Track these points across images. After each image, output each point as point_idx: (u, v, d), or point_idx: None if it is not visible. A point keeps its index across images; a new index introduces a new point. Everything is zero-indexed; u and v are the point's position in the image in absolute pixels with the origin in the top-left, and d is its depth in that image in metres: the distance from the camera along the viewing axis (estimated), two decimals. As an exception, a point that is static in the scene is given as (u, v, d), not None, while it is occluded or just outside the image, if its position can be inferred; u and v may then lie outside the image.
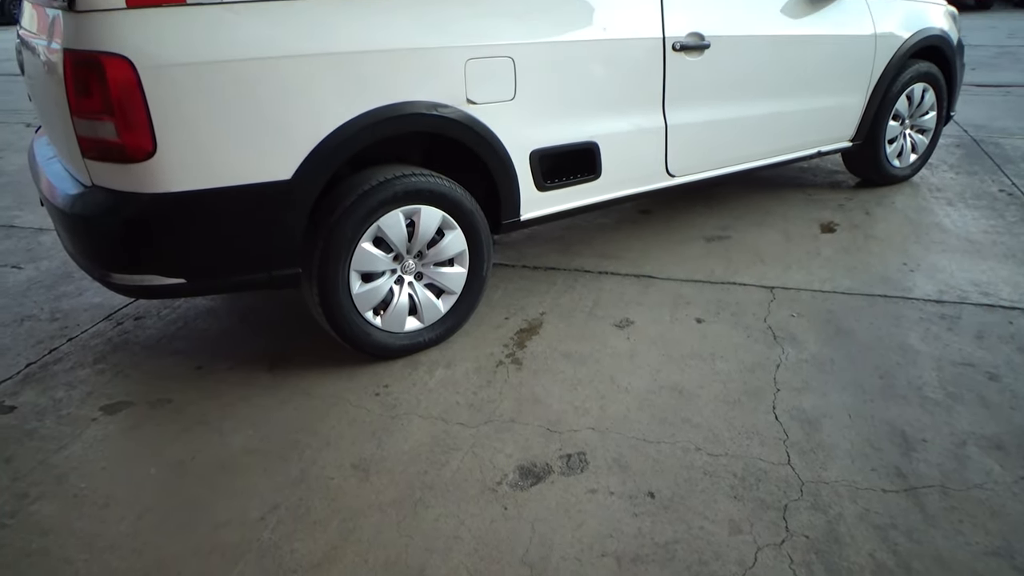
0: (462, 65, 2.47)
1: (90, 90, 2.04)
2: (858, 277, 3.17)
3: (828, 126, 3.75)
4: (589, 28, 2.75)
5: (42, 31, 2.32)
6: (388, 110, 2.36)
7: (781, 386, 2.44)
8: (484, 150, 2.59)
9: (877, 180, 4.20)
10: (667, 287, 3.14)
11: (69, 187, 2.30)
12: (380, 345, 2.58)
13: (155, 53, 2.02)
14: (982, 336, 2.69)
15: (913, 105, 4.05)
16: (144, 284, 2.26)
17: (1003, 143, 4.98)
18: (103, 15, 1.98)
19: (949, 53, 4.08)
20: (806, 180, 4.45)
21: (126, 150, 2.08)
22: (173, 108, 2.07)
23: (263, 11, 2.14)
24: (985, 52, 8.34)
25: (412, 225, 2.51)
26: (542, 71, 2.65)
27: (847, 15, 3.57)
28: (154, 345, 2.83)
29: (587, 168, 2.91)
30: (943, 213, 3.84)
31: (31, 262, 3.58)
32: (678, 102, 3.06)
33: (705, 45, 3.03)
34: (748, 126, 3.37)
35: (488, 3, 2.52)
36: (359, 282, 2.47)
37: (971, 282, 3.09)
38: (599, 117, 2.87)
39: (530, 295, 3.11)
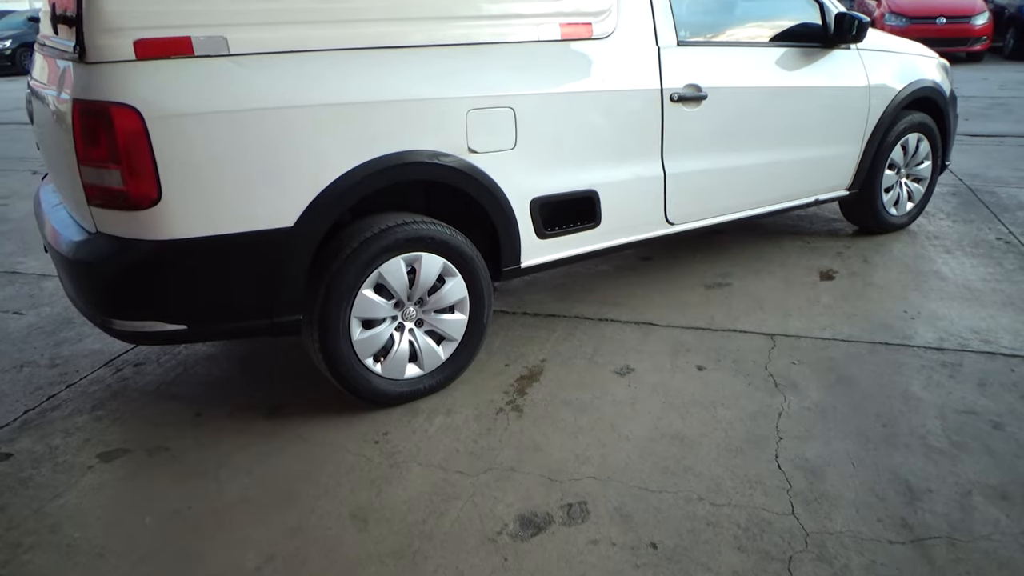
0: (463, 115, 2.51)
1: (97, 139, 2.07)
2: (858, 324, 3.17)
3: (825, 175, 3.79)
4: (588, 79, 2.80)
5: (52, 82, 2.37)
6: (390, 159, 2.39)
7: (783, 434, 2.42)
8: (485, 198, 2.62)
9: (874, 228, 4.24)
10: (668, 334, 3.14)
11: (73, 233, 2.32)
12: (380, 392, 2.57)
13: (162, 103, 2.06)
14: (984, 384, 2.68)
15: (908, 155, 4.11)
16: (145, 330, 2.26)
17: (998, 192, 5.03)
18: (113, 66, 2.03)
19: (942, 104, 4.16)
20: (804, 228, 4.48)
21: (131, 197, 2.10)
22: (179, 156, 2.10)
23: (268, 63, 2.19)
24: (978, 103, 8.48)
25: (413, 272, 2.52)
26: (542, 121, 2.70)
27: (841, 67, 3.64)
28: (153, 391, 2.82)
29: (587, 216, 2.93)
30: (941, 261, 3.86)
31: (32, 308, 3.59)
32: (676, 151, 3.10)
33: (702, 96, 3.09)
34: (746, 175, 3.41)
35: (489, 55, 2.58)
36: (360, 328, 2.47)
37: (971, 330, 3.09)
38: (598, 166, 2.90)
39: (530, 342, 3.11)
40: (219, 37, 2.12)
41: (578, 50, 2.77)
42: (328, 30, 2.27)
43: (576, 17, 2.73)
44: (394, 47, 2.38)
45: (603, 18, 2.80)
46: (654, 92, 2.97)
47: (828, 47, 3.58)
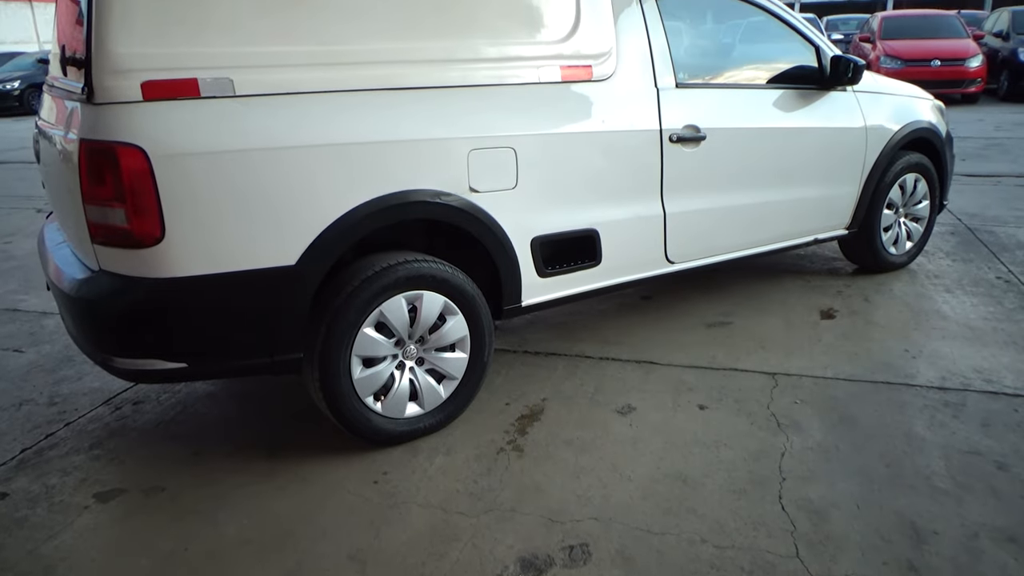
0: (465, 155, 2.54)
1: (103, 178, 2.10)
2: (860, 363, 3.16)
3: (823, 214, 3.82)
4: (588, 120, 2.84)
5: (60, 122, 2.40)
6: (392, 198, 2.41)
7: (787, 475, 2.40)
8: (486, 237, 2.63)
9: (874, 267, 4.25)
10: (669, 373, 3.13)
11: (76, 271, 2.34)
12: (380, 431, 2.56)
13: (168, 143, 2.09)
14: (988, 424, 2.66)
15: (906, 194, 4.14)
16: (146, 368, 2.26)
17: (997, 231, 5.06)
18: (120, 107, 2.06)
19: (938, 144, 4.20)
20: (804, 267, 4.50)
21: (134, 236, 2.12)
22: (183, 195, 2.12)
23: (273, 104, 2.22)
24: (974, 144, 8.57)
25: (414, 310, 2.52)
26: (543, 161, 2.73)
27: (838, 109, 3.69)
28: (152, 430, 2.80)
29: (588, 255, 2.95)
30: (942, 300, 3.86)
31: (33, 346, 3.59)
32: (676, 191, 3.13)
33: (701, 137, 3.12)
34: (745, 214, 3.44)
35: (491, 96, 2.61)
36: (360, 367, 2.46)
37: (973, 369, 3.08)
38: (599, 205, 2.93)
39: (531, 381, 3.10)
40: (225, 79, 2.15)
41: (578, 92, 2.82)
42: (332, 72, 2.31)
43: (576, 60, 2.78)
44: (397, 89, 2.42)
45: (603, 61, 2.85)
46: (653, 133, 3.00)
47: (825, 89, 3.63)
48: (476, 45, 2.57)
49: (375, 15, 2.39)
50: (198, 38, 2.13)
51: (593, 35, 2.82)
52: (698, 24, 3.51)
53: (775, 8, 3.55)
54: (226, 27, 2.17)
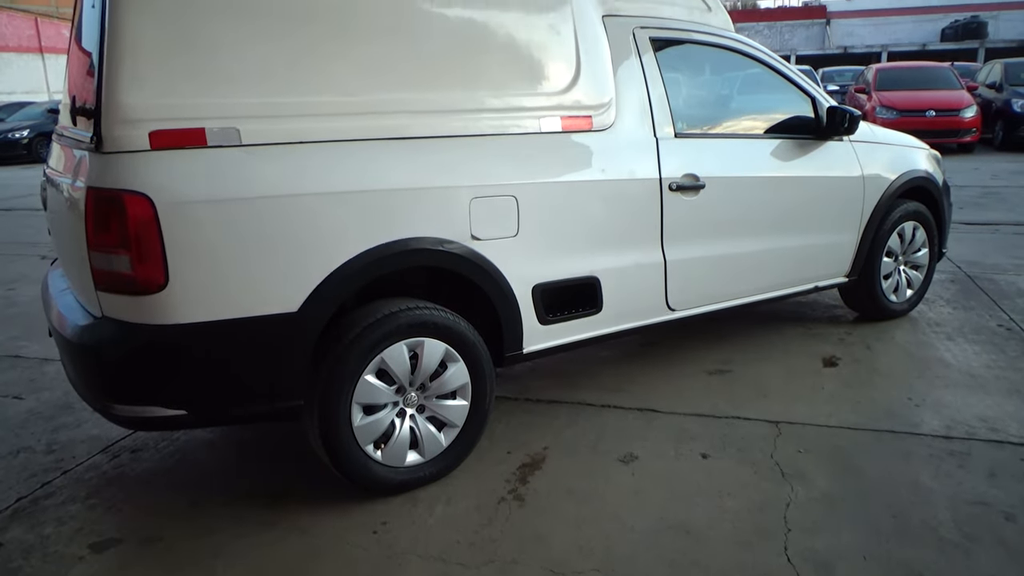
0: (467, 203, 2.57)
1: (109, 225, 2.12)
2: (864, 412, 3.14)
3: (823, 262, 3.84)
4: (589, 169, 2.88)
5: (68, 170, 2.43)
6: (395, 246, 2.43)
7: (792, 526, 2.36)
8: (488, 284, 2.65)
9: (875, 315, 4.25)
10: (671, 421, 3.11)
11: (79, 318, 2.34)
12: (380, 480, 2.53)
13: (174, 191, 2.12)
14: (994, 474, 2.63)
15: (905, 242, 4.16)
16: (145, 415, 2.25)
17: (997, 279, 5.07)
18: (127, 156, 2.10)
19: (936, 193, 4.24)
20: (805, 314, 4.50)
21: (138, 282, 2.13)
22: (187, 242, 2.14)
23: (278, 153, 2.26)
24: (971, 192, 8.65)
25: (415, 357, 2.52)
26: (544, 209, 2.75)
27: (835, 158, 3.74)
28: (149, 479, 2.77)
29: (589, 302, 2.95)
30: (944, 348, 3.85)
31: (33, 393, 3.58)
32: (676, 239, 3.15)
33: (700, 185, 3.16)
34: (745, 262, 3.46)
35: (492, 146, 2.66)
36: (361, 414, 2.45)
37: (978, 417, 3.06)
38: (599, 253, 2.95)
39: (532, 429, 3.08)
40: (232, 128, 2.19)
41: (579, 141, 2.86)
42: (337, 122, 2.36)
43: (577, 111, 2.83)
44: (401, 138, 2.46)
45: (602, 112, 2.90)
46: (653, 181, 3.04)
47: (821, 139, 3.68)
48: (479, 96, 2.62)
49: (380, 67, 2.45)
50: (206, 89, 2.17)
51: (593, 86, 2.88)
52: (696, 75, 3.58)
53: (771, 60, 3.62)
54: (233, 78, 2.21)
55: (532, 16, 2.78)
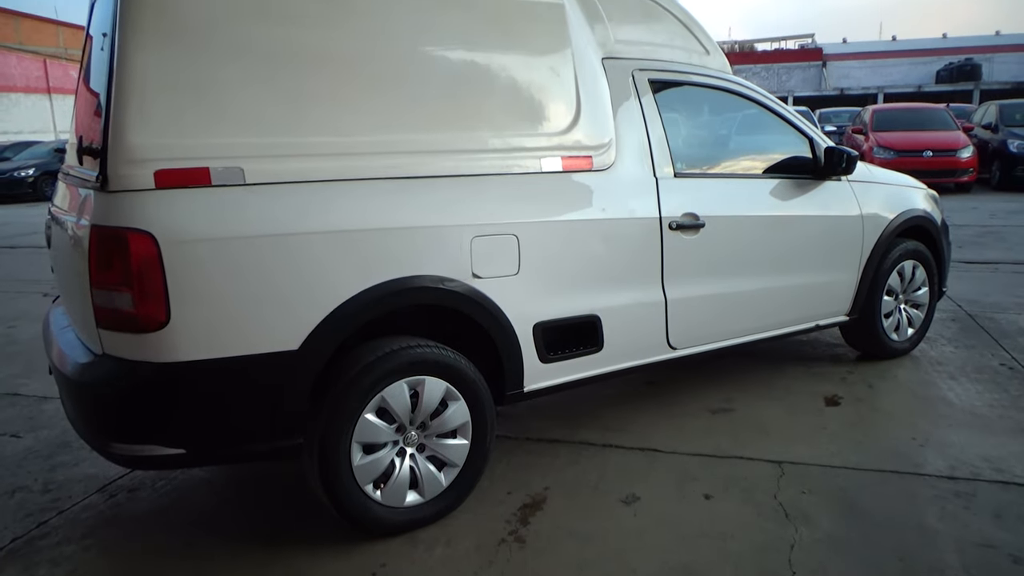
0: (468, 242, 2.58)
1: (112, 263, 2.13)
2: (867, 452, 3.12)
3: (823, 301, 3.85)
4: (589, 209, 2.90)
5: (72, 208, 2.46)
6: (396, 284, 2.44)
7: (797, 568, 2.33)
8: (488, 323, 2.65)
9: (877, 353, 4.24)
10: (673, 461, 3.08)
11: (80, 356, 2.34)
12: (379, 520, 2.50)
13: (177, 229, 2.13)
14: (1000, 515, 2.60)
15: (905, 281, 4.17)
16: (144, 454, 2.23)
17: (998, 317, 5.07)
18: (132, 194, 2.12)
19: (934, 232, 4.27)
20: (807, 353, 4.49)
21: (140, 320, 2.13)
22: (190, 280, 2.15)
23: (281, 192, 2.28)
24: (970, 231, 8.69)
25: (416, 396, 2.51)
26: (545, 248, 2.77)
27: (833, 198, 3.77)
28: (146, 518, 2.74)
29: (589, 340, 2.95)
30: (946, 387, 3.83)
31: (31, 431, 3.55)
32: (677, 277, 3.16)
33: (700, 224, 3.18)
34: (745, 300, 3.46)
35: (494, 185, 2.68)
36: (360, 453, 2.43)
37: (982, 458, 3.03)
38: (600, 291, 2.95)
39: (533, 469, 3.05)
40: (236, 168, 2.22)
41: (579, 181, 2.89)
42: (341, 162, 2.39)
43: (577, 151, 2.87)
44: (404, 178, 2.49)
45: (602, 152, 2.93)
46: (653, 221, 3.06)
47: (820, 179, 3.72)
48: (481, 136, 2.66)
49: (383, 108, 2.48)
50: (211, 129, 2.21)
51: (593, 127, 2.91)
52: (695, 116, 3.64)
53: (768, 102, 3.67)
54: (238, 119, 2.25)
55: (533, 58, 2.83)
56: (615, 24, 3.17)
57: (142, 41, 2.14)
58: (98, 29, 2.58)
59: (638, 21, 3.31)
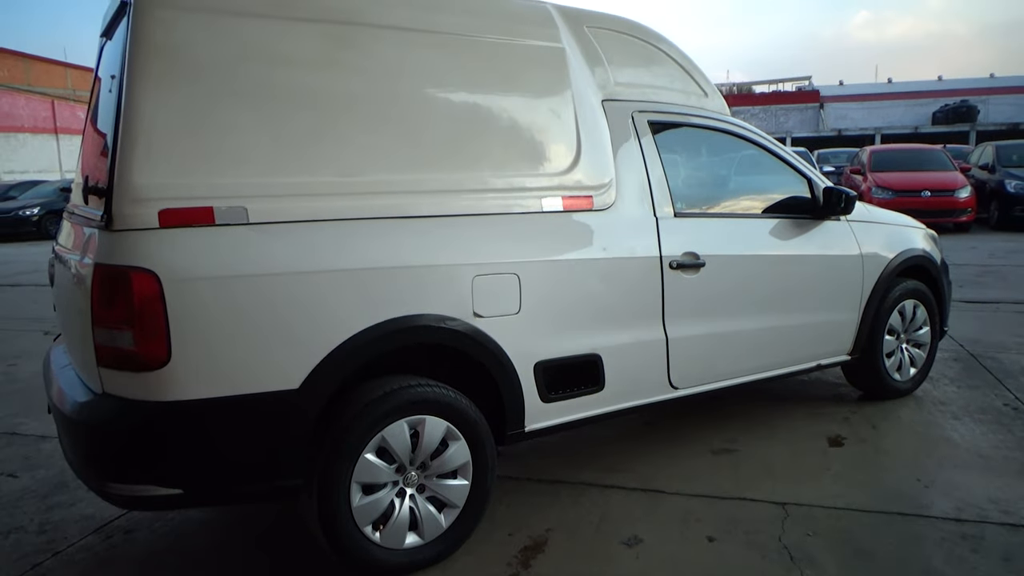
0: (470, 281, 2.59)
1: (114, 301, 2.14)
2: (872, 493, 3.08)
3: (825, 340, 3.84)
4: (590, 248, 2.92)
5: (76, 247, 2.47)
6: (397, 323, 2.45)
7: (802, 613, 2.29)
8: (489, 362, 2.64)
9: (880, 393, 4.22)
10: (676, 502, 3.05)
11: (79, 394, 2.34)
12: (378, 562, 2.46)
13: (180, 268, 2.14)
14: (1009, 559, 2.56)
15: (906, 320, 4.17)
16: (142, 495, 2.21)
17: (1000, 357, 5.05)
18: (136, 233, 2.13)
19: (934, 271, 4.28)
20: (809, 392, 4.47)
21: (141, 358, 2.13)
22: (191, 319, 2.15)
23: (284, 231, 2.30)
24: (970, 271, 8.70)
25: (416, 435, 2.50)
26: (546, 287, 2.78)
27: (833, 237, 3.79)
28: (141, 561, 2.70)
29: (591, 380, 2.94)
30: (950, 427, 3.81)
31: (28, 471, 3.52)
32: (678, 316, 3.16)
33: (700, 264, 3.19)
34: (747, 339, 3.46)
35: (495, 224, 2.70)
36: (360, 494, 2.41)
37: (989, 499, 2.99)
38: (601, 331, 2.95)
39: (535, 510, 3.01)
40: (240, 207, 2.24)
41: (580, 221, 2.91)
42: (344, 201, 2.41)
43: (578, 191, 2.89)
44: (406, 217, 2.51)
45: (603, 192, 2.96)
46: (653, 260, 3.08)
47: (819, 219, 3.74)
48: (482, 176, 2.68)
49: (385, 148, 2.52)
50: (216, 169, 2.23)
51: (593, 167, 2.95)
52: (694, 157, 3.68)
53: (767, 143, 3.72)
54: (243, 159, 2.28)
55: (534, 100, 2.87)
56: (615, 67, 3.23)
57: (150, 83, 2.18)
58: (107, 71, 2.63)
59: (637, 64, 3.37)
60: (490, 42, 2.81)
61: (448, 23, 2.73)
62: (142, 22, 2.20)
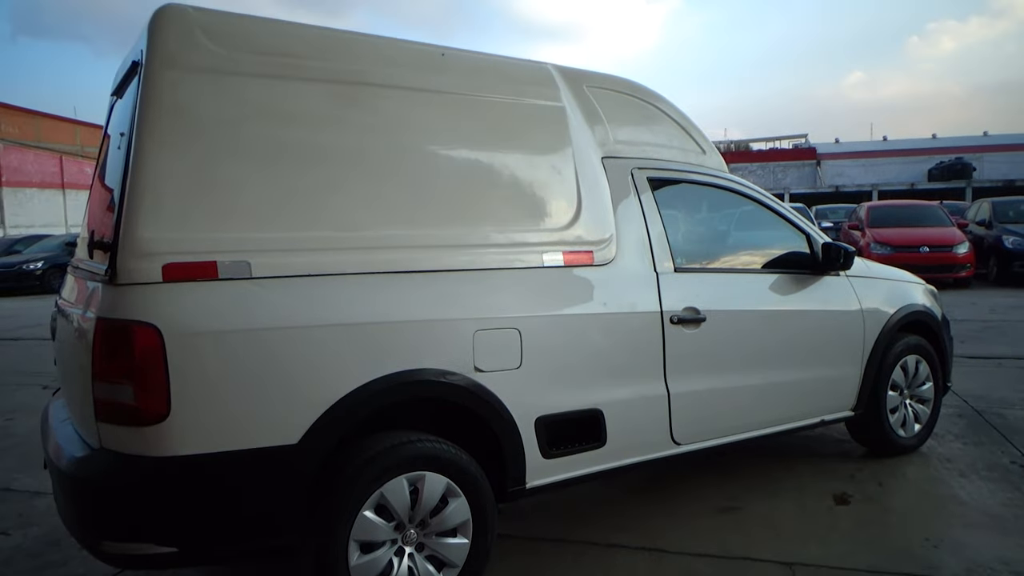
0: (471, 335, 2.59)
1: (115, 355, 2.14)
2: (880, 553, 3.02)
3: (828, 396, 3.82)
4: (591, 303, 2.92)
5: (80, 301, 2.48)
6: (398, 377, 2.44)
7: None
8: (491, 416, 2.63)
9: (885, 450, 4.17)
10: (680, 563, 2.99)
11: (76, 449, 2.31)
12: (375, 625, 2.40)
13: (182, 322, 2.15)
14: (1023, 621, 2.49)
15: (909, 376, 4.15)
16: (135, 553, 2.17)
17: (1005, 413, 5.01)
18: (139, 287, 2.14)
19: (935, 326, 4.28)
20: (814, 449, 4.41)
21: (140, 413, 2.12)
22: (192, 373, 2.15)
23: (287, 285, 2.31)
24: (971, 326, 8.69)
25: (415, 492, 2.46)
26: (547, 341, 2.77)
27: (833, 293, 3.80)
28: (133, 622, 2.64)
29: (592, 435, 2.91)
30: (957, 485, 3.75)
31: (20, 528, 3.46)
32: (679, 371, 3.15)
33: (701, 318, 3.19)
34: (749, 395, 3.44)
35: (497, 279, 2.71)
36: (358, 553, 2.36)
37: (1000, 560, 2.93)
38: (603, 386, 2.94)
39: (536, 571, 2.95)
40: (243, 262, 2.26)
41: (581, 275, 2.92)
42: (347, 256, 2.43)
43: (578, 246, 2.92)
44: (409, 272, 2.52)
45: (603, 247, 2.98)
46: (654, 315, 3.08)
47: (818, 274, 3.76)
48: (484, 231, 2.71)
49: (387, 203, 2.55)
50: (220, 224, 2.26)
51: (594, 223, 2.98)
52: (693, 213, 3.72)
53: (765, 199, 3.76)
54: (248, 214, 2.31)
55: (535, 157, 2.92)
56: (614, 125, 3.29)
57: (158, 139, 2.22)
58: (116, 129, 2.69)
59: (636, 123, 3.43)
60: (492, 101, 2.88)
61: (451, 83, 2.80)
62: (153, 81, 2.26)
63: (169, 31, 2.31)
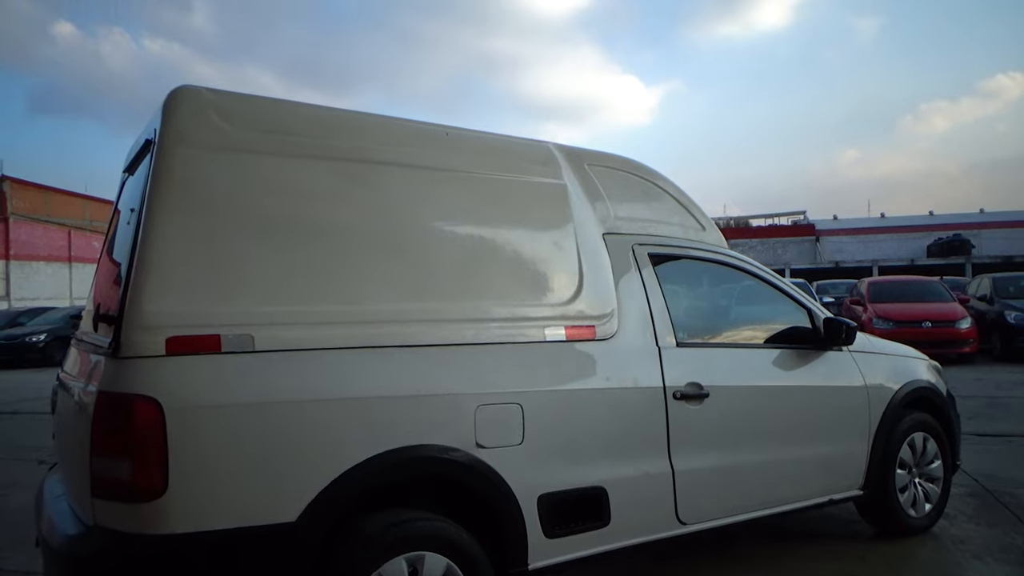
0: (472, 411, 2.57)
1: (115, 429, 2.12)
2: (895, 640, 2.91)
3: (835, 473, 3.75)
4: (593, 377, 2.91)
5: (82, 374, 2.48)
6: (398, 453, 2.41)
7: None
8: (492, 494, 2.58)
9: (895, 530, 4.06)
10: (687, 648, 2.87)
11: (69, 526, 2.27)
12: None
13: (184, 396, 2.14)
14: None
15: (917, 454, 4.08)
16: (123, 637, 2.10)
17: (1017, 493, 4.90)
18: (142, 361, 2.14)
19: (940, 402, 4.23)
20: (822, 529, 4.30)
21: (136, 489, 2.09)
22: (191, 449, 2.13)
23: (289, 359, 2.31)
24: (977, 402, 8.60)
25: (415, 573, 2.39)
26: (549, 417, 2.75)
27: (836, 368, 3.78)
28: None
29: (596, 514, 2.85)
30: (972, 568, 3.64)
31: (6, 609, 3.36)
32: (683, 448, 3.11)
33: (704, 394, 3.17)
34: (755, 472, 3.37)
35: (499, 354, 2.71)
36: (354, 638, 2.28)
37: (1020, 647, 2.82)
38: (606, 462, 2.89)
39: (538, 656, 2.83)
40: (246, 335, 2.26)
41: (583, 350, 2.92)
42: (348, 330, 2.43)
43: (580, 320, 2.93)
44: (407, 346, 2.52)
45: (605, 321, 2.99)
46: (657, 390, 3.06)
47: (821, 349, 3.75)
48: (486, 306, 2.72)
49: (389, 278, 2.57)
50: (224, 298, 2.27)
51: (596, 298, 2.99)
52: (695, 288, 3.74)
53: (765, 274, 3.79)
54: (252, 288, 2.33)
55: (537, 233, 2.97)
56: (615, 202, 3.35)
57: (168, 214, 2.26)
58: (127, 204, 2.74)
59: (637, 200, 3.49)
60: (495, 179, 2.94)
61: (454, 161, 2.86)
62: (165, 157, 2.32)
63: (183, 110, 2.38)
